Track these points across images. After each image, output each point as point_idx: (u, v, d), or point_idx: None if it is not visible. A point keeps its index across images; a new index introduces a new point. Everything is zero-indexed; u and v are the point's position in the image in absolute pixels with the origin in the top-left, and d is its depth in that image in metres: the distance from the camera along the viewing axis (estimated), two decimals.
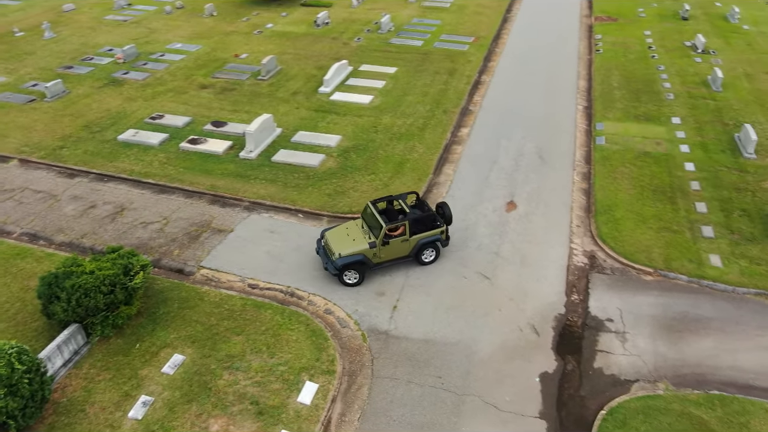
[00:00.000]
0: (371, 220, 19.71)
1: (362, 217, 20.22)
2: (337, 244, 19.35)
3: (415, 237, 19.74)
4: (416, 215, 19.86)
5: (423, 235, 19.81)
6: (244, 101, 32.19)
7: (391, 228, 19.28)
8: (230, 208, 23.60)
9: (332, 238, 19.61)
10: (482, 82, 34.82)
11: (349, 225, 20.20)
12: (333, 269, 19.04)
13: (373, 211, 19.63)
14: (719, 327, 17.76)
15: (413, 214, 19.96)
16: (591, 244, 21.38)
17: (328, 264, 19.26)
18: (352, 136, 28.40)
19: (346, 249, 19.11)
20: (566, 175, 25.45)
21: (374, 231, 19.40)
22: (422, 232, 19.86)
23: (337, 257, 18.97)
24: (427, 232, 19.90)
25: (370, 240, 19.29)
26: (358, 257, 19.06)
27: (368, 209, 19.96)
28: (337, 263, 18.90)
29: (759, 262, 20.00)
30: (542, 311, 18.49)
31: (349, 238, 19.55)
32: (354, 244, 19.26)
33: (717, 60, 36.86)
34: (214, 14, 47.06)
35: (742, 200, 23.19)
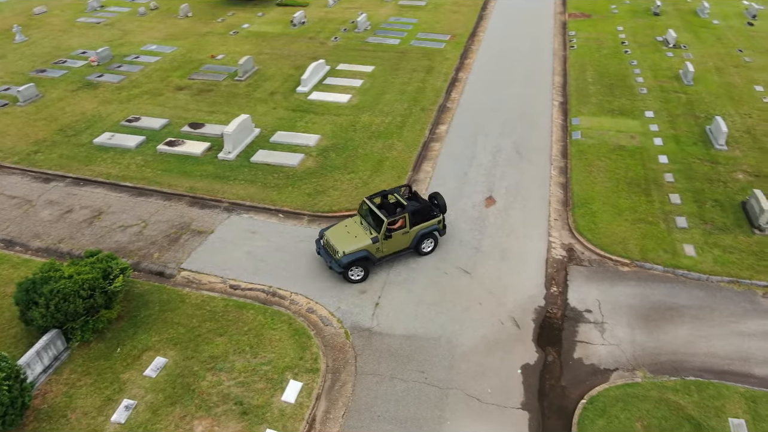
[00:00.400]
0: (370, 215, 19.89)
1: (359, 214, 20.33)
2: (340, 242, 19.38)
3: (415, 228, 20.03)
4: (415, 207, 20.08)
5: (422, 225, 20.12)
6: (222, 102, 32.04)
7: (392, 221, 19.49)
8: (210, 209, 23.50)
9: (333, 237, 19.62)
10: (459, 79, 35.08)
11: (348, 223, 20.24)
12: (338, 267, 19.08)
13: (372, 207, 19.84)
14: (694, 315, 18.18)
15: (412, 206, 20.13)
16: (569, 237, 21.70)
17: (332, 263, 19.30)
18: (330, 135, 28.44)
19: (349, 246, 19.18)
20: (543, 169, 25.78)
21: (375, 226, 19.54)
22: (421, 222, 20.14)
23: (342, 255, 19.02)
24: (426, 222, 20.21)
25: (372, 235, 19.42)
26: (362, 253, 19.19)
27: (365, 205, 20.16)
28: (342, 261, 18.98)
29: (731, 250, 20.49)
30: (522, 304, 18.74)
31: (350, 235, 19.61)
32: (356, 241, 19.35)
33: (688, 54, 37.57)
34: (189, 15, 46.70)
35: (714, 191, 23.72)
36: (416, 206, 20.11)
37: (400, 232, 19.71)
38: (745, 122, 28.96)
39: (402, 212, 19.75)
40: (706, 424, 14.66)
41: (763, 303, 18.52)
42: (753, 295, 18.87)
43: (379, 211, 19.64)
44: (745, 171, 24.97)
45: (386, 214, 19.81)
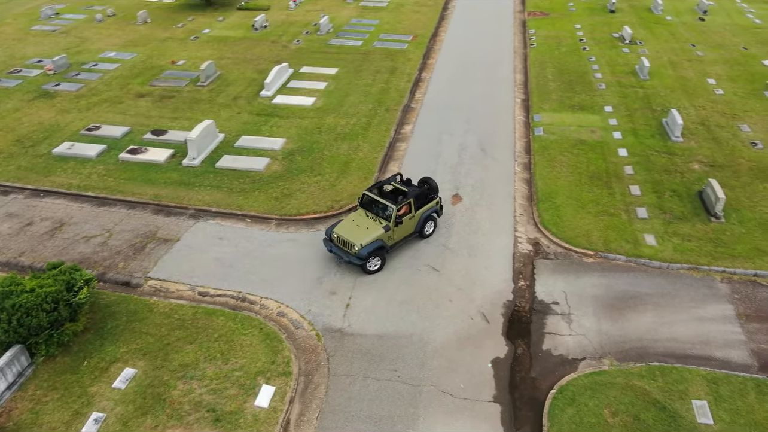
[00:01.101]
0: (376, 206, 20.49)
1: (362, 207, 20.80)
2: (354, 236, 19.78)
3: (419, 212, 20.88)
4: (417, 191, 20.94)
5: (424, 209, 21.03)
6: (185, 108, 31.67)
7: (399, 208, 20.15)
8: (175, 217, 23.22)
9: (345, 232, 19.99)
10: (422, 79, 35.36)
11: (354, 217, 20.63)
12: (357, 260, 19.54)
13: (376, 198, 20.49)
14: (656, 302, 18.70)
15: (413, 191, 20.90)
16: (534, 232, 22.09)
17: (349, 257, 19.70)
18: (296, 138, 28.38)
19: (364, 238, 19.64)
20: (508, 166, 26.19)
21: (383, 215, 20.17)
22: (422, 206, 21.04)
23: (360, 248, 19.48)
24: (426, 205, 21.13)
25: (383, 224, 20.01)
26: (378, 243, 19.77)
27: (367, 197, 20.75)
28: (362, 253, 19.46)
29: (689, 238, 21.14)
30: (491, 299, 19.02)
31: (361, 228, 20.05)
32: (369, 232, 19.83)
33: (643, 50, 38.59)
34: (147, 21, 45.99)
35: (672, 181, 24.43)
36: (417, 191, 21.01)
37: (407, 217, 20.48)
38: (700, 114, 29.89)
39: (405, 199, 20.43)
40: (670, 407, 15.11)
41: (721, 288, 19.16)
42: (711, 280, 19.51)
43: (386, 200, 20.35)
44: (701, 161, 25.78)
45: (393, 202, 20.49)
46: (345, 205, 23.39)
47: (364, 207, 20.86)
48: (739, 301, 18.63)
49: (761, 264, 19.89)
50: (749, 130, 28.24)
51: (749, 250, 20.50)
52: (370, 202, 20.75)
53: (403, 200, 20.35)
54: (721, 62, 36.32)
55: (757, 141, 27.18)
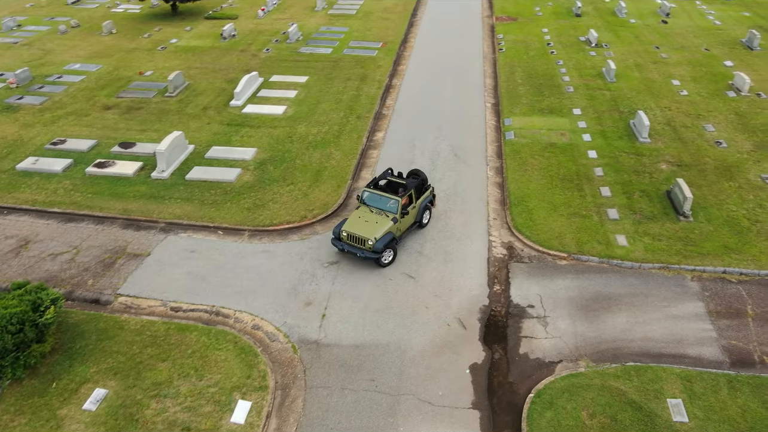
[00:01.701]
0: (379, 200, 20.98)
1: (364, 204, 21.22)
2: (366, 231, 20.15)
3: (418, 202, 21.75)
4: (415, 183, 21.65)
5: (421, 199, 21.93)
6: (153, 120, 31.16)
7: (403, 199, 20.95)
8: (145, 231, 22.77)
9: (356, 229, 20.28)
10: (393, 86, 35.40)
11: (359, 214, 20.94)
12: (373, 254, 19.99)
13: (379, 193, 21.04)
14: (630, 302, 18.91)
15: (412, 183, 21.60)
16: (508, 236, 22.20)
17: (364, 252, 20.09)
18: (267, 147, 28.12)
19: (377, 232, 20.09)
20: (480, 170, 26.31)
21: (387, 208, 20.75)
22: (420, 197, 21.95)
23: (375, 241, 19.92)
24: (423, 195, 22.05)
25: (391, 217, 20.58)
26: (390, 235, 20.34)
27: (368, 194, 21.21)
28: (377, 247, 19.89)
29: (659, 238, 21.46)
30: (467, 305, 19.02)
31: (370, 223, 20.43)
32: (379, 226, 20.30)
33: (609, 53, 39.24)
34: (113, 32, 45.24)
35: (641, 182, 24.80)
36: (415, 182, 21.70)
37: (409, 207, 21.19)
38: (665, 115, 30.46)
39: (407, 190, 21.15)
40: (646, 406, 15.25)
41: (692, 286, 19.47)
42: (682, 279, 19.81)
43: (389, 194, 20.91)
44: (668, 161, 26.24)
45: (395, 194, 21.22)
46: (318, 215, 23.23)
47: (365, 204, 21.24)
48: (709, 299, 18.94)
49: (729, 261, 20.27)
50: (713, 130, 28.85)
51: (717, 248, 20.88)
52: (372, 198, 21.17)
53: (404, 192, 21.09)
54: (684, 63, 37.11)
55: (721, 140, 27.78)
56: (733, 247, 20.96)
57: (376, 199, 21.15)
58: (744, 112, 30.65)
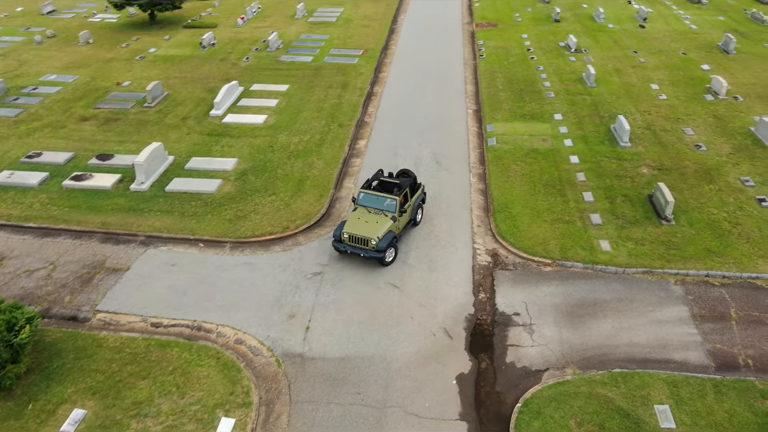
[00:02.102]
0: (376, 200, 21.21)
1: (361, 206, 21.35)
2: (367, 231, 20.35)
3: (412, 200, 22.14)
4: (409, 182, 21.96)
5: (415, 197, 22.38)
6: (131, 131, 30.69)
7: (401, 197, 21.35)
8: (124, 245, 22.34)
9: (357, 230, 20.43)
10: (375, 93, 35.30)
11: (358, 215, 21.06)
12: (377, 253, 20.21)
13: (375, 193, 21.31)
14: (615, 308, 18.90)
15: (407, 182, 21.92)
16: (492, 243, 22.13)
17: (368, 252, 20.31)
18: (248, 157, 27.81)
19: (378, 232, 20.33)
20: (463, 177, 26.25)
21: (384, 207, 21.02)
22: (413, 195, 22.30)
23: (378, 240, 20.17)
24: (416, 194, 22.49)
25: (390, 216, 20.87)
26: (391, 234, 20.62)
27: (364, 195, 21.40)
28: (381, 245, 20.17)
29: (642, 242, 21.52)
30: (453, 314, 18.87)
31: (370, 223, 20.62)
32: (380, 226, 20.53)
33: (588, 58, 39.54)
34: (90, 41, 44.63)
35: (623, 186, 24.90)
36: (409, 181, 22.01)
37: (406, 206, 21.57)
38: (645, 119, 30.70)
39: (402, 189, 21.49)
40: (634, 413, 15.20)
41: (675, 290, 19.52)
42: (666, 283, 19.87)
43: (386, 194, 21.18)
44: (649, 165, 26.40)
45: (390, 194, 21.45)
46: (301, 225, 22.97)
47: (362, 205, 21.38)
48: (693, 302, 19.01)
49: (712, 264, 20.37)
50: (693, 133, 29.12)
51: (700, 251, 20.99)
52: (368, 198, 21.34)
53: (399, 191, 21.43)
54: (662, 68, 37.50)
55: (701, 143, 28.03)
56: (715, 250, 21.08)
57: (372, 199, 21.35)
58: (722, 115, 30.99)
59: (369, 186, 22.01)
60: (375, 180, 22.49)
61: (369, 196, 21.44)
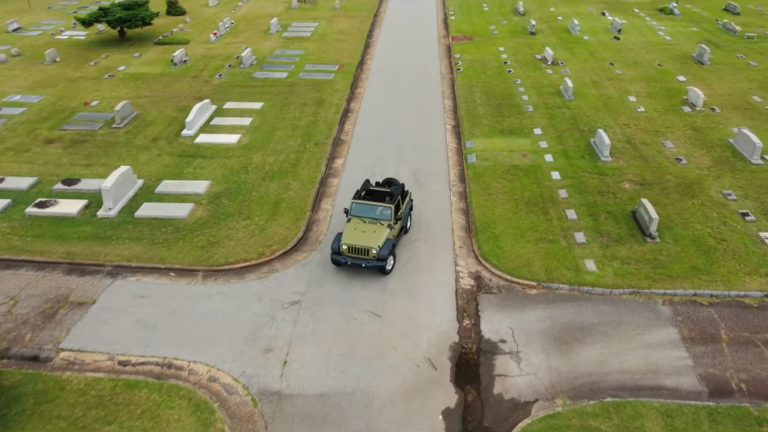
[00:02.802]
0: (370, 210, 21.12)
1: (355, 216, 21.22)
2: (366, 241, 20.31)
3: (403, 207, 22.14)
4: (399, 190, 21.99)
5: (404, 204, 22.40)
6: (99, 153, 29.55)
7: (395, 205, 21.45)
8: (91, 276, 21.22)
9: (356, 240, 20.33)
10: (351, 110, 34.62)
11: (354, 226, 20.97)
12: (378, 262, 20.19)
13: (369, 203, 21.16)
14: (603, 331, 18.33)
15: (397, 190, 21.95)
16: (475, 265, 21.47)
17: (369, 262, 20.24)
18: (221, 179, 26.86)
19: (378, 240, 20.35)
20: (443, 196, 25.62)
21: (381, 216, 21.02)
22: (403, 202, 22.34)
23: (378, 249, 20.17)
24: (405, 201, 22.54)
25: (386, 224, 20.93)
26: (390, 242, 20.65)
27: (357, 205, 21.24)
28: (382, 254, 20.22)
29: (628, 261, 21.05)
30: (437, 343, 18.12)
31: (367, 233, 20.62)
32: (378, 235, 20.55)
33: (565, 70, 39.38)
34: (57, 60, 43.32)
35: (605, 203, 24.48)
36: (399, 189, 22.02)
37: (399, 213, 21.63)
38: (625, 132, 30.46)
39: (394, 197, 21.50)
40: None
41: (664, 311, 19.03)
42: (654, 304, 19.37)
43: (379, 203, 21.13)
44: (631, 180, 26.06)
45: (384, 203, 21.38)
46: (276, 251, 22.09)
47: (355, 216, 21.30)
48: (682, 324, 18.52)
49: (699, 283, 19.95)
50: (672, 146, 28.92)
51: (686, 270, 20.57)
52: (361, 209, 21.24)
53: (392, 199, 21.44)
54: (639, 80, 37.46)
55: (681, 156, 27.82)
56: (702, 267, 20.68)
57: (366, 209, 21.27)
58: (700, 127, 30.90)
59: (359, 196, 21.73)
60: (364, 190, 22.25)
61: (362, 206, 21.31)
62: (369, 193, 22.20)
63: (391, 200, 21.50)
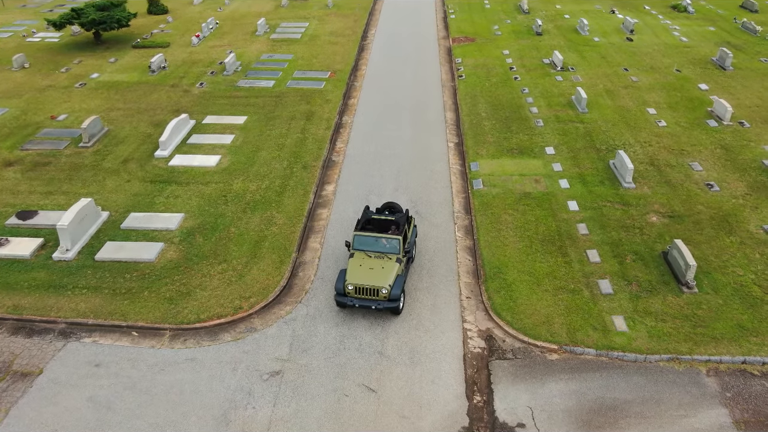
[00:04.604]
0: (375, 243, 18.89)
1: (359, 251, 18.94)
2: (376, 280, 18.03)
3: (410, 237, 20.01)
4: (403, 218, 19.84)
5: (410, 232, 20.16)
6: (62, 178, 26.47)
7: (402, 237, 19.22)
8: (39, 336, 18.26)
9: (364, 280, 17.99)
10: (344, 124, 31.54)
11: (360, 262, 18.61)
12: (389, 303, 17.96)
13: (374, 235, 18.97)
14: (639, 412, 15.46)
15: (402, 218, 19.81)
16: (486, 320, 18.56)
17: (380, 303, 17.94)
18: (197, 211, 23.84)
19: (388, 278, 18.09)
20: (447, 231, 22.67)
21: (389, 249, 18.80)
22: (410, 230, 20.15)
23: (389, 289, 17.93)
24: (410, 228, 20.27)
25: (394, 259, 18.64)
26: (401, 278, 18.41)
27: (359, 238, 19.02)
28: (394, 294, 17.97)
29: (663, 318, 18.15)
30: (443, 427, 15.22)
31: (375, 270, 18.33)
32: (387, 271, 18.29)
33: (577, 77, 36.31)
34: (26, 66, 40.06)
35: (631, 241, 21.55)
36: (403, 217, 19.89)
37: (406, 244, 19.41)
38: (647, 152, 27.49)
39: (400, 227, 19.38)
40: None
41: (709, 385, 16.16)
42: (697, 374, 16.50)
43: (385, 234, 18.93)
44: (658, 212, 23.11)
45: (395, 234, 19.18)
46: (255, 304, 19.14)
47: (359, 249, 19.00)
48: (732, 402, 15.65)
49: (748, 347, 17.08)
50: (701, 169, 25.97)
51: (731, 329, 17.69)
52: (365, 241, 18.98)
53: (398, 229, 19.34)
54: (657, 88, 34.44)
55: (712, 182, 24.88)
56: (749, 326, 17.80)
57: (370, 242, 18.99)
58: (729, 145, 27.94)
59: (361, 226, 19.61)
60: (365, 219, 20.04)
61: (366, 238, 19.03)
62: (371, 222, 19.99)
63: (397, 230, 19.30)
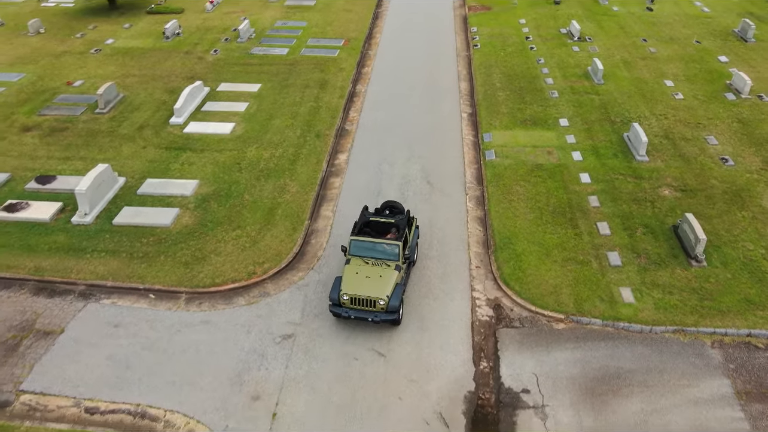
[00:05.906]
0: (373, 249, 17.76)
1: (356, 257, 17.82)
2: (373, 290, 16.90)
3: (411, 240, 18.80)
4: (404, 220, 18.62)
5: (411, 235, 18.93)
6: (79, 144, 26.87)
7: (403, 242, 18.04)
8: (60, 297, 18.86)
9: (360, 290, 16.90)
10: (357, 93, 31.52)
11: (356, 270, 17.48)
12: (387, 315, 16.85)
13: (372, 240, 17.84)
14: (642, 381, 15.79)
15: (402, 221, 18.58)
16: (494, 290, 18.87)
17: (377, 315, 16.88)
18: (211, 178, 24.19)
19: (386, 289, 16.96)
20: (459, 201, 22.85)
21: (388, 256, 17.65)
22: (411, 233, 18.91)
23: (387, 300, 16.83)
24: (412, 231, 19.03)
25: (393, 266, 17.50)
26: (400, 287, 17.29)
27: (356, 243, 17.89)
28: (393, 305, 16.82)
29: (671, 290, 18.34)
30: (450, 391, 15.68)
31: (372, 279, 17.18)
32: (385, 280, 17.15)
33: (594, 48, 35.82)
34: (41, 31, 40.17)
35: (642, 214, 21.61)
36: (404, 219, 18.66)
37: (407, 249, 18.27)
38: (662, 125, 27.28)
39: (401, 231, 18.19)
40: None
41: (714, 356, 16.42)
42: (701, 346, 16.75)
43: (383, 239, 17.84)
44: (671, 185, 23.08)
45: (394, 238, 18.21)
46: (269, 269, 19.57)
47: (355, 255, 17.86)
48: (735, 373, 15.92)
49: (754, 320, 17.27)
50: (716, 143, 25.77)
51: (738, 303, 17.85)
52: (362, 247, 17.86)
53: (399, 233, 18.20)
54: (676, 59, 33.91)
55: (727, 156, 24.72)
56: (756, 300, 17.95)
57: (368, 247, 17.84)
58: (747, 119, 27.62)
59: (360, 230, 18.60)
60: (363, 221, 18.89)
61: (363, 243, 17.90)
62: (369, 225, 18.93)
63: (397, 233, 18.40)
